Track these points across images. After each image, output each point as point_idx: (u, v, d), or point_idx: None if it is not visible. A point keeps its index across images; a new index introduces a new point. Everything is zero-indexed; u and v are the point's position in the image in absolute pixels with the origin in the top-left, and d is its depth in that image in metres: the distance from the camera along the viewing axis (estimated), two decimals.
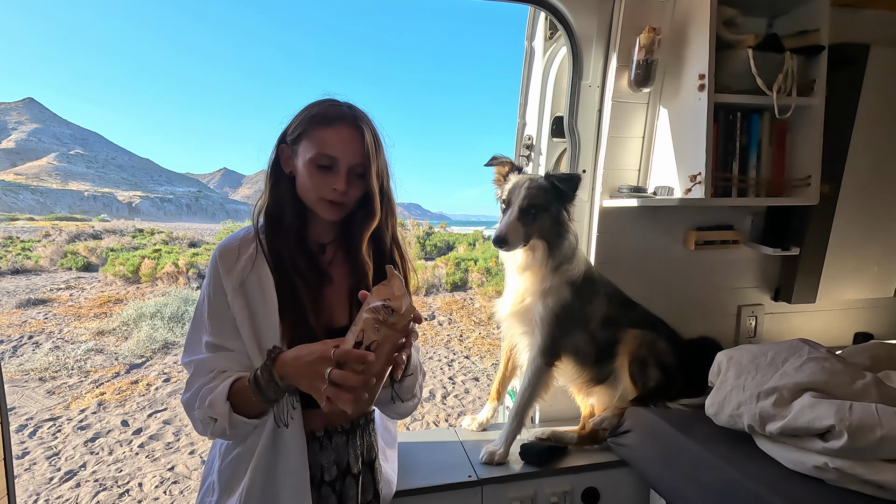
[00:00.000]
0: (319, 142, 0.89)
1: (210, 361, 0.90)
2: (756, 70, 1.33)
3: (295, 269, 0.93)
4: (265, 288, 0.91)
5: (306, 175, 0.91)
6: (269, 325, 0.90)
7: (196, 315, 0.95)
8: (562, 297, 1.33)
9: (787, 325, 1.84)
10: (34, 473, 3.63)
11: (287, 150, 0.94)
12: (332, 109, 0.91)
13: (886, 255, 1.73)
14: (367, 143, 0.91)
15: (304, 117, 0.92)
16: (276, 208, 0.95)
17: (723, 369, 1.19)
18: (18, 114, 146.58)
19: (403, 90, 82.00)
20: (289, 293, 0.92)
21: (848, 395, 0.98)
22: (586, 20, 1.49)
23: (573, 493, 1.36)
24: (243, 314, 0.90)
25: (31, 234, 18.92)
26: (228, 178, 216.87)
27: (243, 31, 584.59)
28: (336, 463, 0.98)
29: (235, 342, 0.91)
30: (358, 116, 0.92)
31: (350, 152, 0.90)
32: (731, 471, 1.01)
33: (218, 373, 0.89)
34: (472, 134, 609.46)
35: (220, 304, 0.91)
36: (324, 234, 1.01)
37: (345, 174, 0.91)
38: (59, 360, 6.03)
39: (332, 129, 0.90)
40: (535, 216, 1.28)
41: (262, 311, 0.91)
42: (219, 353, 0.91)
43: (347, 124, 0.91)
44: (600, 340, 1.38)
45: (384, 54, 51.07)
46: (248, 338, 0.90)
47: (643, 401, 1.33)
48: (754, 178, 1.47)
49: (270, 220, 0.95)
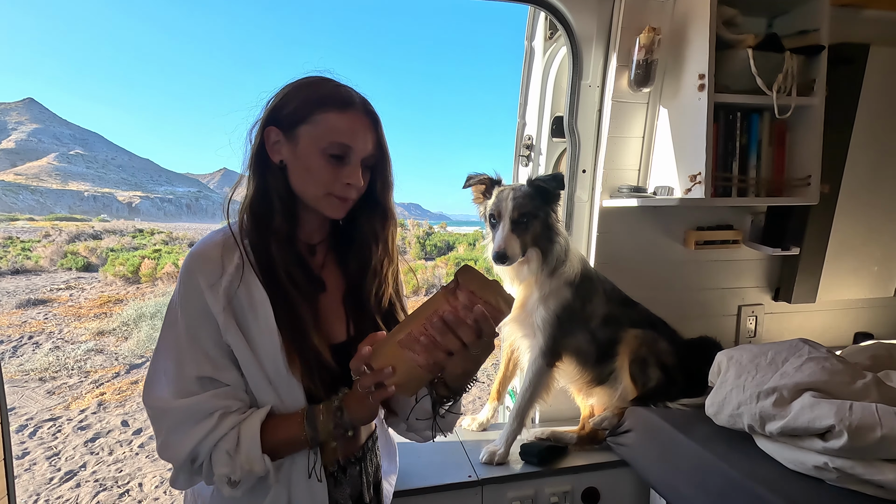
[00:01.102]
0: (331, 129, 0.76)
1: (204, 403, 0.72)
2: (756, 70, 1.33)
3: (290, 279, 0.79)
4: (257, 304, 0.76)
5: (312, 166, 0.77)
6: (270, 349, 0.76)
7: (166, 342, 0.75)
8: (563, 299, 1.34)
9: (787, 325, 1.84)
10: (34, 474, 3.64)
11: (275, 134, 0.78)
12: (343, 92, 0.79)
13: (886, 255, 1.73)
14: (380, 132, 0.81)
15: (306, 98, 0.78)
16: (262, 205, 0.79)
17: (723, 369, 1.19)
18: (18, 114, 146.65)
19: (402, 83, 79.57)
20: (285, 308, 0.77)
21: (848, 395, 0.98)
22: (586, 20, 1.49)
23: (573, 493, 1.36)
24: (238, 339, 0.74)
25: (31, 235, 18.93)
26: (228, 178, 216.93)
27: (244, 28, 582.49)
28: (351, 496, 0.88)
29: (230, 374, 0.75)
30: (368, 105, 0.81)
31: (364, 142, 0.79)
32: (731, 471, 1.01)
33: (220, 416, 0.73)
34: (472, 132, 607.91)
35: (206, 327, 0.74)
36: (314, 233, 0.87)
37: (359, 167, 0.80)
38: (59, 360, 6.03)
39: (346, 115, 0.77)
40: (528, 225, 1.28)
41: (259, 332, 0.76)
42: (213, 390, 0.74)
43: (360, 110, 0.79)
44: (601, 339, 1.38)
45: (384, 49, 49.30)
46: (250, 367, 0.75)
47: (643, 400, 1.33)
48: (754, 178, 1.47)
49: (257, 220, 0.79)
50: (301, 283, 0.80)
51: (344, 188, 0.79)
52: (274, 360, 0.75)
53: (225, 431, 0.72)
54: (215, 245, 0.78)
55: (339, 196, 0.80)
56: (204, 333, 0.74)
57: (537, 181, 1.29)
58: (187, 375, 0.73)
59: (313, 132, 0.76)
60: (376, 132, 0.81)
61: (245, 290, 0.76)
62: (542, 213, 1.29)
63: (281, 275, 0.78)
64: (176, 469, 0.74)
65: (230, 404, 0.74)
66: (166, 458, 0.73)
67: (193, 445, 0.71)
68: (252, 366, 0.75)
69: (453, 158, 65.77)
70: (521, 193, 1.28)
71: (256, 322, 0.76)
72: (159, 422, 0.73)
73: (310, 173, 0.78)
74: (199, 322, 0.74)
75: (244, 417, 0.74)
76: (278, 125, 0.78)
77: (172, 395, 0.72)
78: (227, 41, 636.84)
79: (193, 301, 0.74)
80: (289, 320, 0.77)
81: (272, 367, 0.76)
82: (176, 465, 0.73)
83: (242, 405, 0.76)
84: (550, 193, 1.29)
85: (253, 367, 0.75)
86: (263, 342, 0.75)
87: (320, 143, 0.76)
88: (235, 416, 0.74)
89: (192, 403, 0.72)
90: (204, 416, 0.72)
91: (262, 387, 0.76)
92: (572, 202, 1.61)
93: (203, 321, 0.74)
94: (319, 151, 0.77)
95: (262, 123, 0.79)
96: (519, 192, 1.29)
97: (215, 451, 0.72)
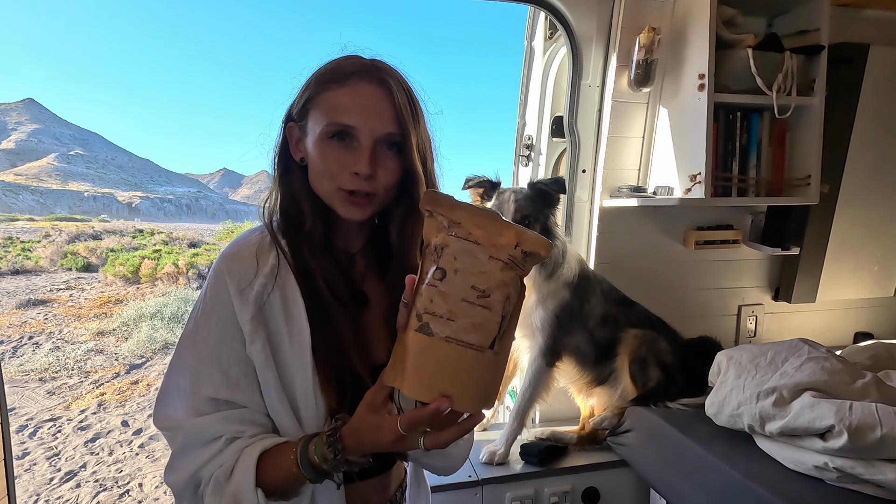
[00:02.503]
0: (331, 107, 0.64)
1: (212, 426, 0.63)
2: (756, 70, 1.33)
3: (330, 290, 0.68)
4: (293, 314, 0.66)
5: (317, 157, 0.66)
6: (299, 367, 0.65)
7: (181, 354, 0.66)
8: (561, 299, 1.34)
9: (787, 324, 1.84)
10: (34, 474, 3.64)
11: (296, 130, 0.70)
12: (347, 62, 0.67)
13: (886, 255, 1.73)
14: (399, 103, 0.65)
15: (312, 80, 0.67)
16: (291, 206, 0.70)
17: (722, 369, 1.19)
18: (18, 114, 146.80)
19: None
20: (323, 321, 0.67)
21: (847, 395, 0.98)
22: (586, 20, 1.49)
23: (573, 493, 1.36)
24: (265, 353, 0.64)
25: (31, 235, 18.93)
26: (228, 178, 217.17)
27: (244, 28, 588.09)
28: None
29: (248, 394, 0.65)
30: (382, 69, 0.67)
31: (374, 119, 0.64)
32: (731, 471, 1.01)
33: (226, 441, 0.63)
34: (472, 132, 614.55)
35: (228, 338, 0.65)
36: (352, 240, 0.75)
37: (369, 150, 0.64)
38: (59, 360, 6.04)
39: (348, 89, 0.64)
40: (528, 227, 1.28)
41: (289, 346, 0.65)
42: (225, 411, 0.64)
43: (367, 80, 0.65)
44: (599, 339, 1.38)
45: (383, 49, 50.88)
46: (271, 387, 0.65)
47: (643, 400, 1.33)
48: (754, 178, 1.47)
49: (288, 223, 0.69)
50: (342, 295, 0.69)
51: (351, 180, 0.65)
52: (303, 376, 0.65)
53: (228, 458, 0.63)
54: (249, 245, 0.68)
55: (348, 191, 0.66)
56: (225, 348, 0.65)
57: (539, 184, 1.29)
58: (202, 395, 0.64)
59: (316, 116, 0.66)
60: (394, 104, 0.65)
61: (280, 295, 0.66)
62: (542, 216, 1.30)
63: (320, 284, 0.67)
64: (177, 495, 0.65)
65: (241, 430, 0.64)
66: (168, 481, 0.66)
67: (195, 470, 0.63)
68: (275, 384, 0.65)
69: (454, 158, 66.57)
70: (523, 196, 1.29)
71: (290, 333, 0.66)
72: (172, 442, 0.66)
73: (317, 166, 0.67)
74: (223, 334, 0.65)
75: (250, 444, 0.64)
76: (296, 119, 0.69)
77: (185, 414, 0.64)
78: (227, 41, 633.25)
79: (219, 308, 0.65)
80: (325, 334, 0.67)
81: (300, 385, 0.66)
82: (176, 491, 0.65)
83: (260, 429, 0.66)
84: (551, 197, 1.30)
85: (275, 386, 0.65)
86: (295, 356, 0.65)
87: (320, 126, 0.65)
88: (243, 443, 0.64)
89: (200, 425, 0.63)
90: (209, 439, 0.63)
91: (280, 409, 0.66)
92: (572, 202, 1.61)
93: (227, 333, 0.65)
94: (321, 137, 0.65)
95: (284, 119, 0.71)
96: (520, 194, 1.29)
97: (214, 483, 0.63)
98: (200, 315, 0.66)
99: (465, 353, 0.50)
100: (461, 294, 0.49)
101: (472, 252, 0.50)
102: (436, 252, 0.52)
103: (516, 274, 0.51)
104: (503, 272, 0.50)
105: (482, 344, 0.50)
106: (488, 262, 0.50)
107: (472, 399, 0.52)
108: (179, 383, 0.65)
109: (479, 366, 0.50)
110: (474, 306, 0.49)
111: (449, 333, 0.49)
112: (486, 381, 0.52)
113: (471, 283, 0.50)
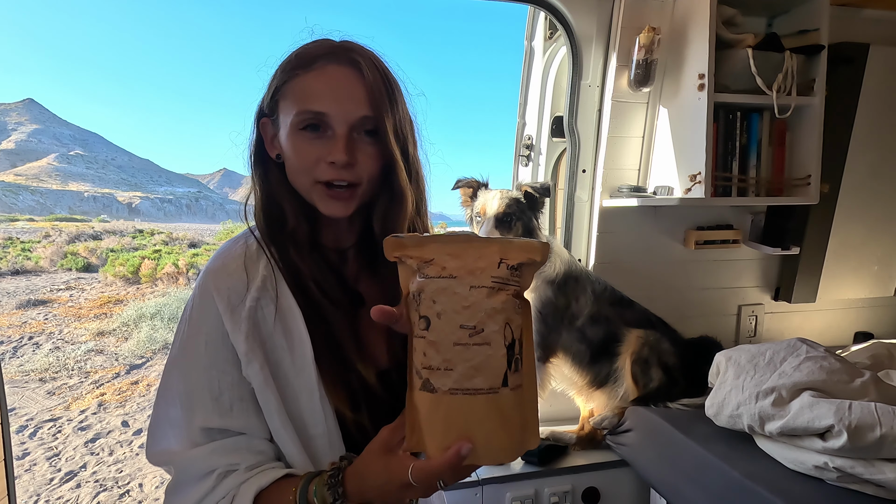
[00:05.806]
0: (299, 95, 0.60)
1: (203, 460, 0.58)
2: (756, 69, 1.33)
3: (322, 290, 0.63)
4: (291, 326, 0.62)
5: (291, 151, 0.61)
6: (304, 384, 0.61)
7: (169, 382, 0.61)
8: (543, 296, 1.38)
9: (787, 324, 1.84)
10: (34, 474, 3.64)
11: (269, 125, 0.66)
12: (314, 46, 0.62)
13: (886, 255, 1.73)
14: (370, 82, 0.60)
15: (278, 70, 0.63)
16: (272, 206, 0.66)
17: (721, 370, 1.19)
18: (18, 114, 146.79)
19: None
20: (322, 329, 0.63)
21: (846, 394, 0.98)
22: (586, 20, 1.49)
23: (573, 493, 1.36)
24: (264, 373, 0.60)
25: (31, 235, 18.93)
26: (228, 178, 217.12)
27: (244, 27, 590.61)
28: None
29: (244, 419, 0.61)
30: (352, 49, 0.62)
31: (345, 101, 0.59)
32: (731, 471, 1.01)
33: (219, 477, 0.58)
34: (472, 130, 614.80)
35: (219, 360, 0.60)
36: (342, 236, 0.70)
37: (344, 137, 0.60)
38: (59, 360, 6.03)
39: (315, 72, 0.60)
40: (511, 224, 1.34)
41: (291, 361, 0.61)
42: (218, 441, 0.59)
43: (336, 61, 0.60)
44: (592, 338, 1.39)
45: (384, 49, 50.48)
46: (273, 410, 0.60)
47: (644, 401, 1.33)
48: (754, 178, 1.47)
49: (271, 222, 0.65)
50: (336, 295, 0.65)
51: (328, 171, 0.60)
52: (309, 393, 0.61)
53: (223, 495, 0.58)
54: (236, 257, 0.63)
55: (325, 183, 0.61)
56: (216, 372, 0.60)
57: (524, 185, 1.36)
58: (194, 425, 0.59)
59: (286, 107, 0.61)
60: (366, 84, 0.60)
61: (274, 306, 0.62)
62: (526, 217, 1.36)
63: (311, 287, 0.63)
64: None
65: (235, 462, 0.59)
66: None
67: None
68: (277, 407, 0.60)
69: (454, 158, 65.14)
70: (508, 195, 1.35)
71: (289, 347, 0.61)
72: (171, 476, 0.61)
73: (291, 160, 0.62)
74: (213, 357, 0.60)
75: (246, 479, 0.59)
76: (268, 114, 0.65)
77: (180, 445, 0.59)
78: (227, 41, 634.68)
79: (207, 329, 0.60)
80: (326, 343, 0.62)
81: (306, 403, 0.61)
82: None
83: (259, 458, 0.61)
84: (536, 200, 1.36)
85: (278, 409, 0.60)
86: (298, 373, 0.61)
87: (290, 117, 0.60)
88: (238, 477, 0.59)
89: (191, 458, 0.59)
90: (202, 475, 0.58)
91: (285, 434, 0.61)
92: (572, 202, 1.61)
93: (217, 355, 0.60)
94: (294, 129, 0.61)
95: (257, 115, 0.66)
96: (506, 194, 1.36)
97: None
98: (186, 337, 0.61)
99: (474, 401, 0.44)
100: (451, 338, 0.44)
101: (449, 288, 0.45)
102: (414, 301, 0.47)
103: (509, 294, 0.46)
104: (491, 298, 0.45)
105: (492, 385, 0.44)
106: (470, 293, 0.44)
107: (499, 448, 0.46)
108: (170, 413, 0.60)
109: (495, 411, 0.45)
110: (469, 347, 0.44)
111: (451, 385, 0.44)
112: (512, 422, 0.46)
113: (458, 323, 0.44)
